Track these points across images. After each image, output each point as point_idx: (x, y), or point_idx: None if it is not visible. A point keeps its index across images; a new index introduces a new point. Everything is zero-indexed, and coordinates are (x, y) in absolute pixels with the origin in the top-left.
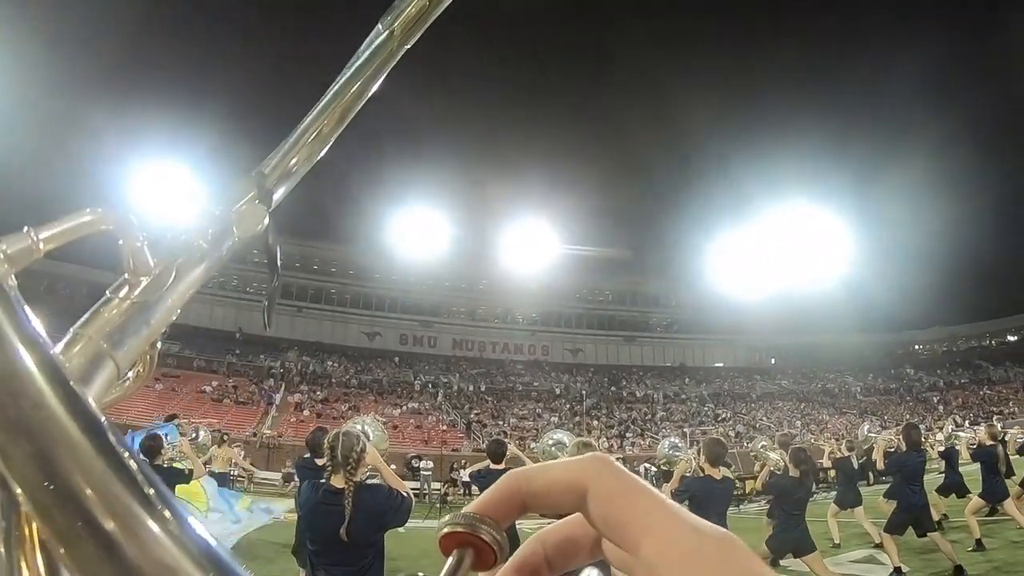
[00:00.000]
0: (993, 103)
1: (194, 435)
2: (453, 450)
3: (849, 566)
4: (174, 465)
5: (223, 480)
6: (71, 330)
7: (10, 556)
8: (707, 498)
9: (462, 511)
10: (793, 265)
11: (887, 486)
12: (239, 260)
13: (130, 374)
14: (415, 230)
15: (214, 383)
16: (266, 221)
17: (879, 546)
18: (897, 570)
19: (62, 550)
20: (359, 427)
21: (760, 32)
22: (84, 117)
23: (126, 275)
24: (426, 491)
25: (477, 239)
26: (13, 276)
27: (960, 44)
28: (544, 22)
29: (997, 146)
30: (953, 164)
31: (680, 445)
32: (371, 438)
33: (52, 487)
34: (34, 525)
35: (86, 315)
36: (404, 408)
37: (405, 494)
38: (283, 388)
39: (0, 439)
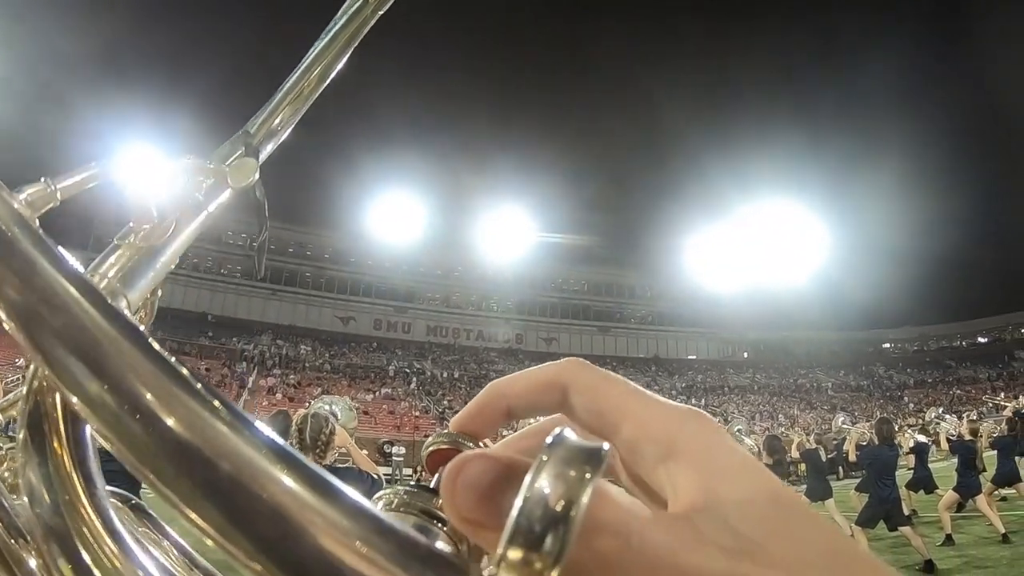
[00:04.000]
0: (969, 106)
1: None
2: (425, 436)
3: None
4: None
5: None
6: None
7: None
8: None
9: (447, 429)
10: (768, 261)
11: (858, 480)
12: (212, 241)
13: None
14: (391, 216)
15: (186, 366)
16: (256, 175)
17: None
18: None
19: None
20: (327, 407)
21: (741, 32)
22: (64, 98)
23: (131, 223)
24: (398, 477)
25: (453, 226)
26: (37, 220)
27: (935, 45)
28: (524, 13)
29: (972, 149)
30: (929, 166)
31: None
32: (339, 418)
33: (105, 386)
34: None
35: (97, 259)
36: (377, 393)
37: (375, 476)
38: (255, 371)
39: (48, 344)
